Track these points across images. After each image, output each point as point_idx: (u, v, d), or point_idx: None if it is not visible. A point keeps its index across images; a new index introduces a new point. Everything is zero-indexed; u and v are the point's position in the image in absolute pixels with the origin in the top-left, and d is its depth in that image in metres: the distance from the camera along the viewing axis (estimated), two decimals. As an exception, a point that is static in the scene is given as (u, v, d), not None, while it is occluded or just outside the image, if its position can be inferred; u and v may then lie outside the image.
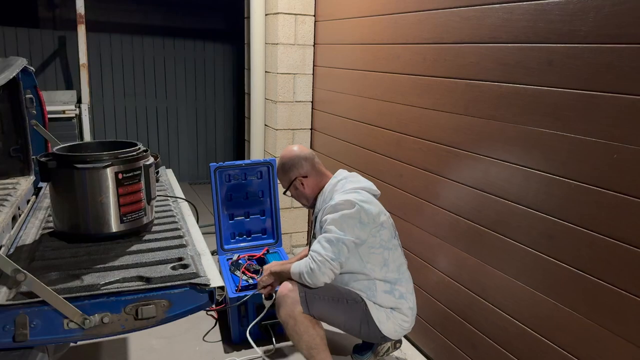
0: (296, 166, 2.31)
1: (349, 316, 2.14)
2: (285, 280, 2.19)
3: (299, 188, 2.33)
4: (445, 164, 2.34)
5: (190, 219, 1.91)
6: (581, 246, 1.71)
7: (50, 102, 4.51)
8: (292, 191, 2.37)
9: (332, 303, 2.11)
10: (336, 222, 2.06)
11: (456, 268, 2.33)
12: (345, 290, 2.17)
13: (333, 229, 2.06)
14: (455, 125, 2.26)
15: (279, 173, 2.39)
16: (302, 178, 2.31)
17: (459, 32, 2.21)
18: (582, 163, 1.69)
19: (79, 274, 1.39)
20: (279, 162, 2.38)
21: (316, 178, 2.33)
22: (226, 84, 6.25)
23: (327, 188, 2.28)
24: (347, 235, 2.05)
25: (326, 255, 2.04)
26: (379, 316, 2.14)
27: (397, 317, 2.17)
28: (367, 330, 2.16)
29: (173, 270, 1.41)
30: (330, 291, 2.13)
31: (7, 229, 1.79)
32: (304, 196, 2.36)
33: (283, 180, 2.37)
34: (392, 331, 2.18)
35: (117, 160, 1.58)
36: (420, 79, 2.47)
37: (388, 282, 2.16)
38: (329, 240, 2.06)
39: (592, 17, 1.62)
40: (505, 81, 1.98)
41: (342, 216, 2.06)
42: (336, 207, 2.09)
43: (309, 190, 2.33)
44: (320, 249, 2.07)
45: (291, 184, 2.33)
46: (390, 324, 2.16)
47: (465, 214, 2.24)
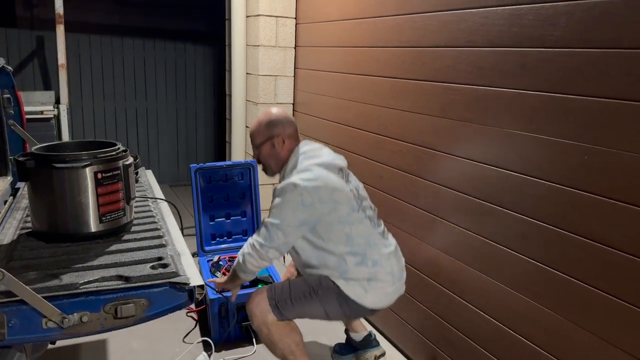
0: (284, 124, 2.21)
1: (327, 305, 2.09)
2: (233, 281, 2.26)
3: (277, 147, 2.19)
4: (423, 165, 2.39)
5: (170, 220, 1.91)
6: (553, 245, 1.76)
7: (28, 103, 4.45)
8: (265, 149, 2.21)
9: (303, 300, 2.08)
10: (275, 207, 2.05)
11: (435, 268, 2.36)
12: (314, 279, 2.12)
13: (271, 214, 2.07)
14: (433, 127, 2.30)
15: (259, 127, 2.22)
16: (285, 137, 2.19)
17: (437, 36, 2.25)
18: (554, 164, 1.74)
19: (57, 273, 1.38)
20: (264, 116, 2.23)
21: (293, 144, 2.22)
22: (207, 85, 6.24)
23: (291, 161, 2.18)
24: (283, 220, 2.02)
25: (257, 242, 2.07)
26: (356, 291, 2.06)
27: (376, 287, 2.08)
28: (349, 310, 2.10)
29: (152, 270, 1.41)
30: (299, 288, 2.11)
31: (-17, 230, 1.77)
32: (276, 157, 2.22)
33: (261, 135, 2.22)
34: (375, 301, 2.10)
35: (96, 160, 1.58)
36: (399, 82, 2.51)
37: (357, 255, 2.07)
38: (265, 226, 2.07)
39: (563, 22, 1.68)
40: (481, 84, 2.02)
41: (282, 201, 2.03)
42: (279, 191, 2.06)
43: (284, 153, 2.20)
44: (255, 235, 2.10)
45: (270, 139, 2.19)
46: (370, 296, 2.08)
47: (442, 214, 2.28)
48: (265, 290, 2.13)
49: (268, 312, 2.07)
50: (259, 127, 2.23)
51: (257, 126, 2.24)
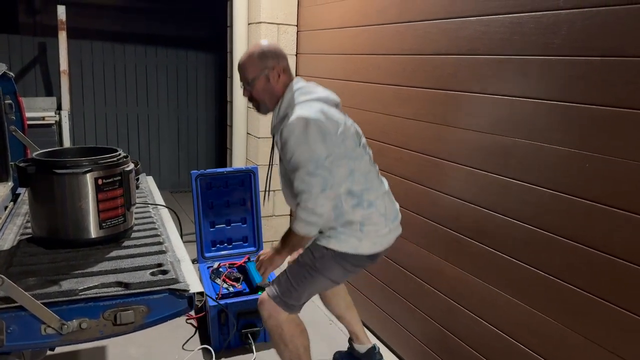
0: (278, 57, 2.05)
1: (329, 273, 2.03)
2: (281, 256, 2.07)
3: (271, 81, 2.02)
4: (424, 172, 2.38)
5: (170, 226, 1.90)
6: (554, 252, 1.75)
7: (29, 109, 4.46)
8: (259, 83, 2.03)
9: (306, 280, 2.02)
10: (303, 148, 1.88)
11: (435, 275, 2.35)
12: (307, 256, 2.05)
13: (305, 158, 1.88)
14: (434, 135, 2.30)
15: (251, 59, 2.03)
16: (280, 71, 2.03)
17: (438, 44, 2.26)
18: (555, 172, 1.74)
19: (57, 279, 1.37)
20: (256, 48, 2.06)
21: (288, 79, 2.06)
22: (208, 92, 6.25)
23: (286, 97, 2.02)
24: (321, 155, 1.87)
25: (316, 191, 1.86)
26: (350, 244, 1.99)
27: (369, 231, 2.00)
28: (351, 266, 2.04)
29: (152, 276, 1.41)
30: (296, 272, 2.05)
31: (-18, 236, 1.77)
32: (270, 92, 2.04)
33: (254, 68, 2.02)
34: (372, 246, 2.02)
35: (97, 166, 1.57)
36: (401, 89, 2.51)
37: (354, 195, 1.98)
38: (309, 173, 1.87)
39: (565, 30, 1.68)
40: (483, 92, 2.02)
41: (301, 140, 1.87)
42: (292, 130, 1.89)
43: (279, 88, 2.03)
44: (305, 187, 1.88)
45: (264, 72, 2.01)
46: (365, 242, 2.00)
47: (443, 222, 2.28)
48: (267, 292, 2.10)
49: (278, 311, 2.04)
50: (252, 60, 2.03)
51: (249, 59, 2.04)
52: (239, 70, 2.09)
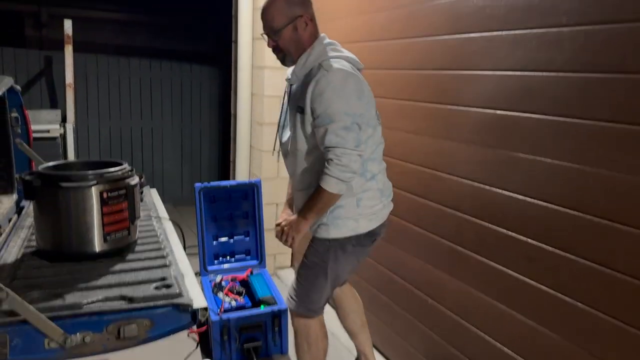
0: (305, 3, 1.93)
1: (340, 261, 2.00)
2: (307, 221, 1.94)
3: (299, 30, 1.90)
4: (427, 186, 2.38)
5: (174, 239, 1.90)
6: (559, 268, 1.74)
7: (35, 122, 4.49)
8: (286, 33, 1.90)
9: (320, 280, 2.00)
10: (341, 102, 1.79)
11: (439, 290, 2.35)
12: (313, 257, 2.02)
13: (340, 111, 1.79)
14: (437, 149, 2.31)
15: (277, 6, 1.89)
16: (308, 19, 1.91)
17: (441, 59, 2.27)
18: (558, 187, 1.74)
19: (60, 292, 1.37)
20: None
21: (315, 29, 1.96)
22: (212, 105, 6.29)
23: (316, 48, 1.92)
24: (358, 111, 1.82)
25: (350, 145, 1.79)
26: (349, 226, 1.96)
27: (365, 207, 1.96)
28: (355, 248, 2.00)
29: (156, 290, 1.41)
30: (308, 276, 2.03)
31: (-13, 249, 1.77)
32: (297, 42, 1.92)
33: (281, 15, 1.89)
34: (368, 223, 1.99)
35: (102, 179, 1.58)
36: (404, 104, 2.52)
37: (361, 162, 1.91)
38: (345, 128, 1.79)
39: (568, 46, 1.69)
40: (485, 107, 2.03)
41: (342, 92, 1.80)
42: (330, 81, 1.80)
43: (306, 36, 1.92)
44: (339, 140, 1.79)
45: (292, 22, 1.89)
46: (362, 221, 1.97)
47: (447, 236, 2.28)
48: (289, 307, 2.11)
49: (305, 318, 2.05)
50: (278, 6, 1.89)
51: (275, 5, 1.89)
52: (262, 19, 1.93)
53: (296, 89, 1.95)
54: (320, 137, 1.85)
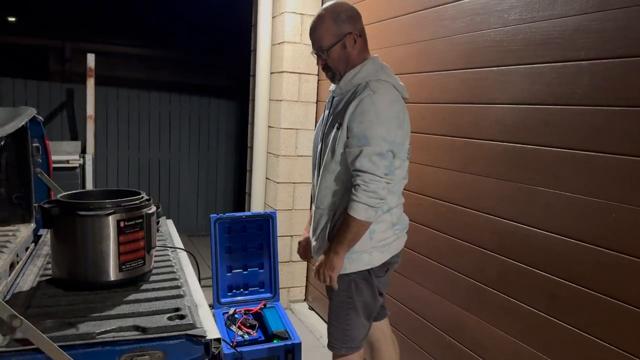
0: (355, 19, 1.88)
1: (364, 294, 1.94)
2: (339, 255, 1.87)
3: (348, 47, 1.87)
4: (444, 220, 2.36)
5: (189, 270, 1.89)
6: (583, 306, 1.69)
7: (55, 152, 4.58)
8: (334, 51, 1.87)
9: (353, 315, 1.95)
10: (382, 126, 1.75)
11: (457, 327, 2.29)
12: (336, 294, 1.97)
13: (378, 136, 1.75)
14: (453, 182, 2.29)
15: (326, 25, 1.86)
16: (357, 36, 1.87)
17: (458, 93, 2.28)
18: (580, 221, 1.71)
19: (74, 322, 1.36)
20: (330, 11, 1.87)
21: (364, 44, 1.92)
22: (228, 138, 6.36)
23: (367, 66, 1.88)
24: (396, 139, 1.78)
25: (381, 172, 1.75)
26: (363, 260, 1.91)
27: (377, 240, 1.91)
28: (375, 279, 1.95)
29: (169, 321, 1.39)
30: (338, 315, 1.98)
31: (4, 276, 1.77)
32: (346, 60, 1.89)
33: (329, 34, 1.86)
34: (381, 255, 1.94)
35: (119, 209, 1.59)
36: (420, 137, 2.52)
37: None
38: (379, 154, 1.75)
39: (587, 80, 1.69)
40: (503, 140, 2.02)
41: (385, 117, 1.76)
42: (376, 103, 1.76)
43: (355, 54, 1.88)
44: (371, 166, 1.75)
45: (341, 40, 1.85)
46: (376, 254, 1.92)
47: (465, 271, 2.23)
48: (331, 350, 2.03)
49: (347, 356, 1.99)
50: (326, 25, 1.86)
51: (323, 24, 1.87)
52: (311, 37, 1.92)
53: (338, 104, 1.91)
54: (352, 158, 1.80)
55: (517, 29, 1.97)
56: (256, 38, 3.74)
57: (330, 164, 1.90)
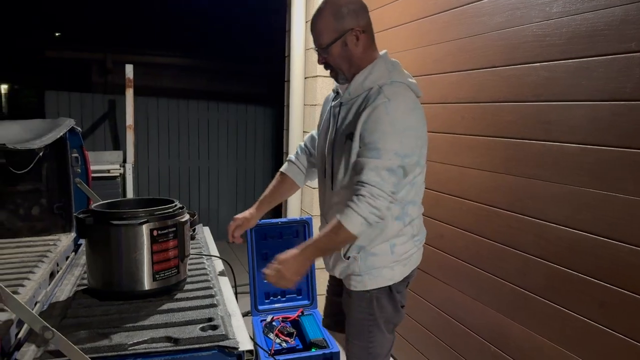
0: (357, 13, 1.69)
1: (386, 309, 1.82)
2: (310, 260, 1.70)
3: (350, 45, 1.69)
4: (485, 224, 2.26)
5: (223, 278, 1.88)
6: (635, 314, 1.57)
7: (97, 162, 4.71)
8: (335, 50, 1.70)
9: (376, 331, 1.83)
10: (395, 139, 1.59)
11: (501, 336, 2.18)
12: (356, 312, 1.84)
13: (390, 149, 1.58)
14: (495, 184, 2.19)
15: (325, 20, 1.69)
16: (360, 32, 1.69)
17: (498, 91, 2.18)
18: (632, 225, 1.59)
19: (107, 332, 1.36)
20: (330, 3, 1.70)
21: (370, 40, 1.74)
22: (265, 144, 6.39)
23: (379, 67, 1.71)
24: (410, 153, 1.62)
25: (388, 190, 1.58)
26: (384, 276, 1.79)
27: (399, 253, 1.78)
28: (396, 294, 1.83)
29: (202, 332, 1.37)
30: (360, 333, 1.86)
31: (44, 285, 1.80)
32: (348, 59, 1.71)
33: (328, 31, 1.69)
34: (403, 269, 1.82)
35: (152, 217, 1.58)
36: (459, 138, 2.43)
37: (400, 205, 1.74)
38: (389, 169, 1.59)
39: (638, 74, 1.57)
40: (548, 139, 1.92)
41: (401, 127, 1.60)
42: (393, 111, 1.59)
43: (359, 52, 1.70)
44: (379, 181, 1.58)
45: (342, 35, 1.68)
46: (397, 268, 1.79)
47: (508, 277, 2.13)
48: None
49: None
50: (325, 21, 1.69)
51: (322, 19, 1.70)
52: (312, 33, 1.76)
53: (348, 111, 1.73)
54: (359, 168, 1.63)
55: (561, 22, 1.86)
56: (290, 43, 3.73)
57: (344, 179, 1.75)
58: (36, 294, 1.71)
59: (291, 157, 2.14)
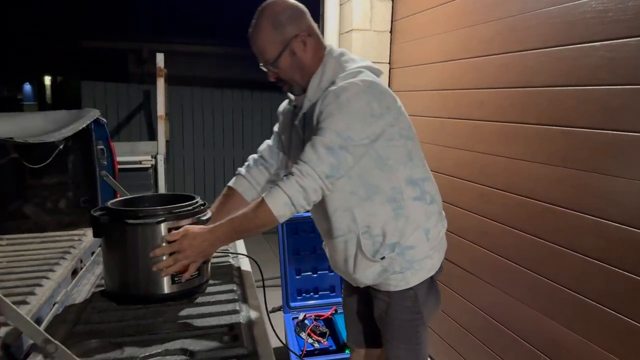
0: (298, 18, 1.56)
1: (429, 304, 1.67)
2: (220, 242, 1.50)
3: (298, 52, 1.55)
4: (539, 221, 2.05)
5: (249, 279, 1.75)
6: None
7: (133, 153, 4.68)
8: (284, 62, 1.56)
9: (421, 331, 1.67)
10: (336, 119, 1.44)
11: (555, 345, 1.98)
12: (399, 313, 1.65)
13: (329, 130, 1.44)
14: (550, 178, 1.98)
15: (265, 34, 1.54)
16: (305, 36, 1.55)
17: (553, 74, 1.96)
18: None
19: (120, 342, 1.25)
20: (266, 15, 1.54)
21: (317, 42, 1.59)
22: (301, 133, 6.26)
23: (329, 65, 1.57)
24: (351, 137, 1.44)
25: (321, 171, 1.42)
26: (427, 267, 1.63)
27: (434, 238, 1.63)
28: (434, 281, 1.69)
29: (220, 343, 1.24)
30: (405, 335, 1.68)
31: (65, 284, 1.72)
32: (300, 67, 1.57)
33: (271, 44, 1.54)
34: (440, 256, 1.68)
35: (171, 216, 1.46)
36: (508, 126, 2.22)
37: (416, 185, 1.59)
38: (328, 147, 1.43)
39: None
40: (611, 128, 1.70)
41: (345, 111, 1.45)
42: (340, 93, 1.46)
43: (309, 57, 1.56)
44: (314, 158, 1.43)
45: (287, 45, 1.53)
46: (436, 255, 1.65)
47: (565, 282, 1.92)
48: None
49: None
50: (265, 34, 1.54)
51: (262, 33, 1.54)
52: (253, 49, 1.59)
53: (312, 117, 1.56)
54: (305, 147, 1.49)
55: (627, -7, 1.63)
56: (324, 28, 3.55)
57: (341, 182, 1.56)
58: (55, 294, 1.63)
59: (241, 170, 1.90)
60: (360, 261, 1.63)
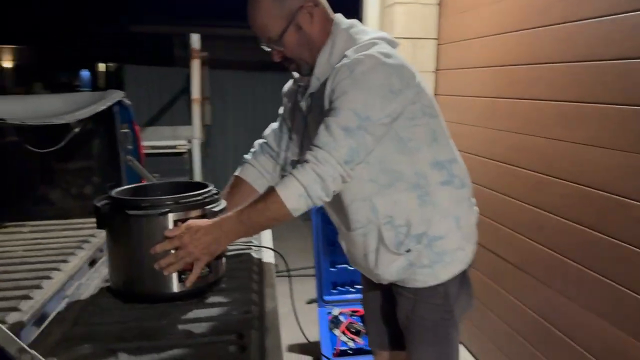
0: None
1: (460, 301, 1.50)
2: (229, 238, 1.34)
3: (305, 26, 1.38)
4: (607, 216, 1.78)
5: (270, 275, 1.58)
6: None
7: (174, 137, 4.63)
8: (289, 38, 1.38)
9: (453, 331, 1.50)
10: (355, 95, 1.28)
11: (617, 356, 1.72)
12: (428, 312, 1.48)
13: (349, 107, 1.27)
14: (624, 167, 1.70)
15: (265, 8, 1.37)
16: (312, 6, 1.39)
17: (625, 45, 1.68)
18: None
19: (115, 348, 1.12)
20: None
21: (325, 12, 1.43)
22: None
23: (339, 38, 1.40)
24: (373, 115, 1.28)
25: (339, 156, 1.26)
26: (459, 259, 1.46)
27: (465, 226, 1.47)
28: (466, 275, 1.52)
29: (224, 354, 1.09)
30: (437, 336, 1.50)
31: (79, 276, 1.62)
32: (308, 43, 1.40)
33: (274, 19, 1.37)
34: (472, 247, 1.51)
35: (178, 207, 1.31)
36: (570, 106, 1.94)
37: (443, 167, 1.42)
38: (345, 129, 1.27)
39: None
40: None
41: (364, 84, 1.29)
42: (354, 67, 1.29)
43: (317, 30, 1.40)
44: (330, 141, 1.27)
45: (292, 21, 1.37)
46: (468, 246, 1.48)
47: (633, 286, 1.66)
48: None
49: None
50: (267, 8, 1.37)
51: (262, 7, 1.37)
52: (254, 29, 1.42)
53: (321, 97, 1.39)
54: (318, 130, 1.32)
55: None
56: (363, 2, 3.32)
57: None
58: (66, 287, 1.53)
59: (247, 158, 1.75)
60: (382, 255, 1.45)
